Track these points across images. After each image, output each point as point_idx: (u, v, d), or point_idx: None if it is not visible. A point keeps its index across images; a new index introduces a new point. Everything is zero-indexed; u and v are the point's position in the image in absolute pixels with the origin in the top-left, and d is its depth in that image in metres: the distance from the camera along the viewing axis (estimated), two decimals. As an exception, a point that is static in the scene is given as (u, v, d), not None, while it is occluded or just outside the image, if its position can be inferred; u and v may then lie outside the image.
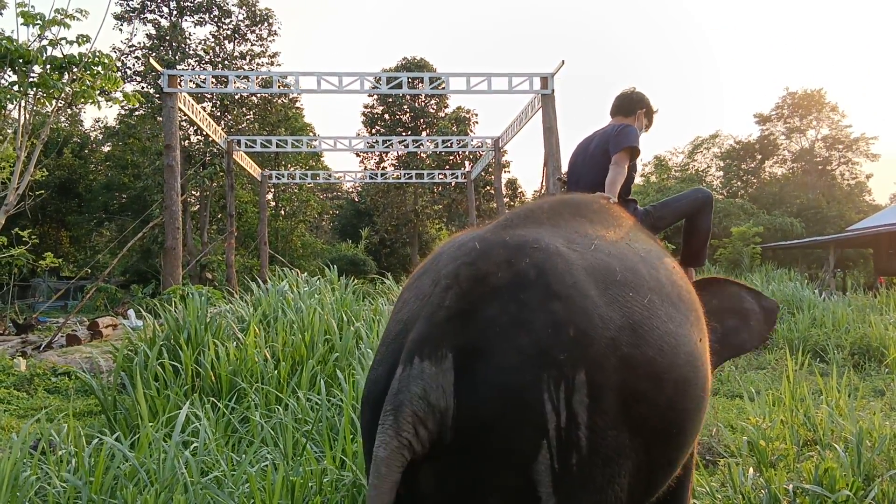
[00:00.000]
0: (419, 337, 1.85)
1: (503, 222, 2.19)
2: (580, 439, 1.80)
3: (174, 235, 14.37)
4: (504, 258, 1.96)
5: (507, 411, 1.77)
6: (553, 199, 2.46)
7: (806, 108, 45.18)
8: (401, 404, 1.77)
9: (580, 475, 1.83)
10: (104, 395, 6.01)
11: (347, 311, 8.01)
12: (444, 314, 1.86)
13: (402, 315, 2.03)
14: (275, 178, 28.52)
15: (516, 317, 1.85)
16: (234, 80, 18.35)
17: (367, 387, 2.06)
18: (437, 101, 39.78)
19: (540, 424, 1.77)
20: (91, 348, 12.26)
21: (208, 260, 27.26)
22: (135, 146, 31.27)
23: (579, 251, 2.10)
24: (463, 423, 1.78)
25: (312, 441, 4.68)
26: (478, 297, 1.88)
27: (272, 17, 32.32)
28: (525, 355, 1.80)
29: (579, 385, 1.81)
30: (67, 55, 7.01)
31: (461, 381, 1.79)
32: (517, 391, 1.78)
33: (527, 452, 1.78)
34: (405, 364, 1.82)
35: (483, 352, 1.81)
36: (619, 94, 3.95)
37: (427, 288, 1.98)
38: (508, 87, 15.49)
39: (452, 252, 2.05)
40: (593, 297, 1.96)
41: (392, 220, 39.12)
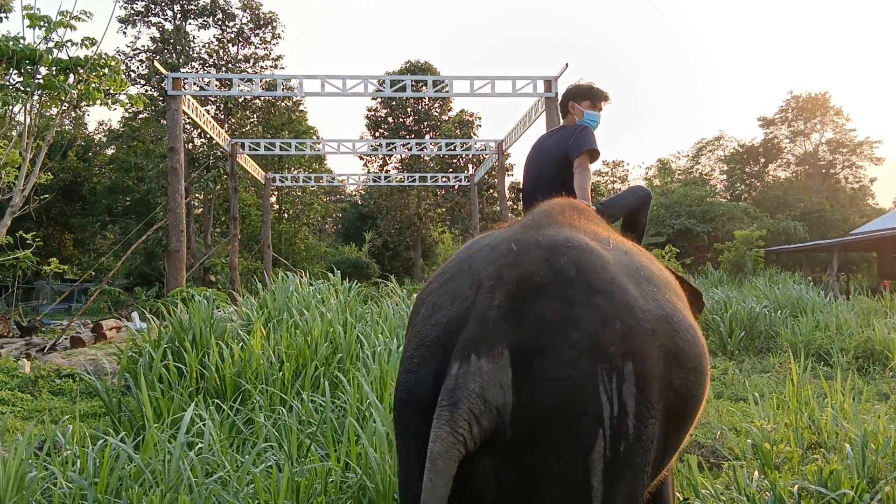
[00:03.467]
0: (473, 336, 1.90)
1: (528, 224, 2.24)
2: (628, 428, 1.90)
3: (178, 238, 14.39)
4: (542, 257, 2.03)
5: (566, 404, 1.85)
6: (560, 202, 2.49)
7: (810, 111, 45.15)
8: (458, 400, 1.82)
9: (624, 462, 1.93)
10: (109, 397, 6.02)
11: (351, 314, 8.03)
12: (495, 314, 1.91)
13: (438, 318, 2.06)
14: (278, 181, 28.58)
15: (565, 313, 1.92)
16: (238, 83, 18.40)
17: (405, 389, 2.10)
18: (441, 105, 39.79)
19: (597, 415, 1.86)
20: (95, 350, 12.27)
21: (212, 263, 27.31)
22: (138, 149, 31.34)
23: (606, 249, 2.18)
24: (523, 416, 1.85)
25: (317, 442, 4.69)
26: (525, 296, 1.94)
27: (276, 21, 32.40)
28: (579, 350, 1.88)
29: (628, 376, 1.91)
30: (73, 57, 7.04)
31: (519, 376, 1.86)
32: (576, 384, 1.86)
33: (585, 442, 1.87)
34: (461, 362, 1.86)
35: (538, 348, 1.88)
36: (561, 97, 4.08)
37: (466, 290, 2.03)
38: (512, 90, 15.51)
39: (486, 255, 2.10)
40: (630, 291, 2.05)
41: (395, 223, 39.13)
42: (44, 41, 6.82)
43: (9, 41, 6.51)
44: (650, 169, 49.69)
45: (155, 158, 30.20)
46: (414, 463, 2.09)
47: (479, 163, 33.59)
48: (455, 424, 1.80)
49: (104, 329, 14.19)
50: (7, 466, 3.44)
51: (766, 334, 10.98)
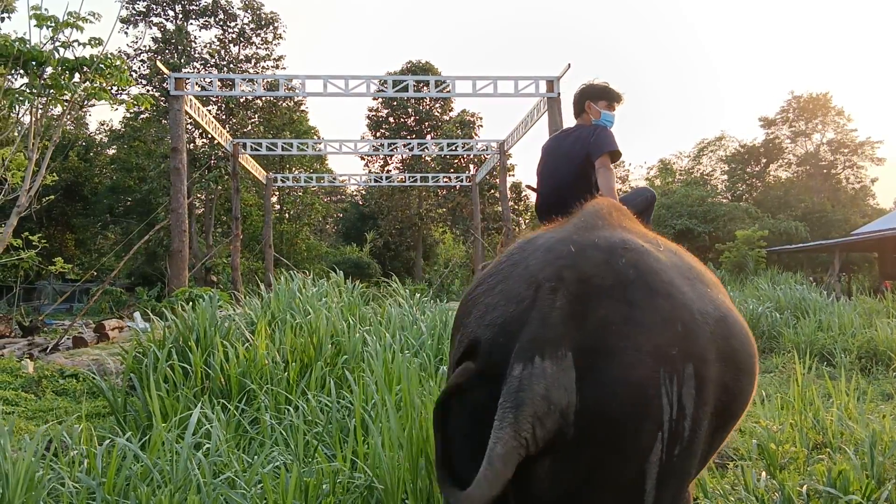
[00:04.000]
0: (535, 337, 1.90)
1: (581, 225, 2.23)
2: (684, 430, 1.92)
3: (180, 238, 14.39)
4: (601, 259, 2.03)
5: (630, 406, 1.86)
6: (605, 203, 2.46)
7: (811, 111, 45.14)
8: (522, 402, 1.82)
9: (677, 465, 1.95)
10: (114, 397, 6.03)
11: (355, 314, 8.03)
12: (557, 315, 1.91)
13: (492, 318, 2.05)
14: (280, 181, 28.59)
15: (627, 315, 1.92)
16: (241, 83, 18.42)
17: (462, 388, 2.08)
18: (442, 105, 39.80)
19: (658, 418, 1.87)
20: (98, 350, 12.27)
21: (213, 263, 27.29)
22: (140, 149, 31.36)
23: (658, 250, 2.18)
24: (586, 418, 1.85)
25: (323, 443, 4.69)
26: (587, 298, 1.94)
27: (277, 21, 32.41)
28: (642, 352, 1.88)
29: (688, 378, 1.92)
30: (79, 57, 7.05)
31: (582, 378, 1.86)
32: (639, 387, 1.86)
33: (645, 445, 1.88)
34: (524, 363, 1.86)
35: (601, 350, 1.88)
36: (574, 96, 4.03)
37: (522, 291, 2.02)
38: (514, 90, 15.51)
39: (542, 256, 2.09)
40: (687, 292, 2.05)
41: (396, 223, 39.12)
42: (50, 41, 6.84)
43: (16, 42, 6.52)
44: (651, 169, 49.69)
45: (156, 158, 30.21)
46: (462, 461, 2.11)
47: (480, 163, 33.59)
48: (519, 427, 1.81)
49: (107, 329, 14.18)
50: (17, 467, 3.44)
51: (769, 335, 10.99)
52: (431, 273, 34.46)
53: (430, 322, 8.10)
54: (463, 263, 33.42)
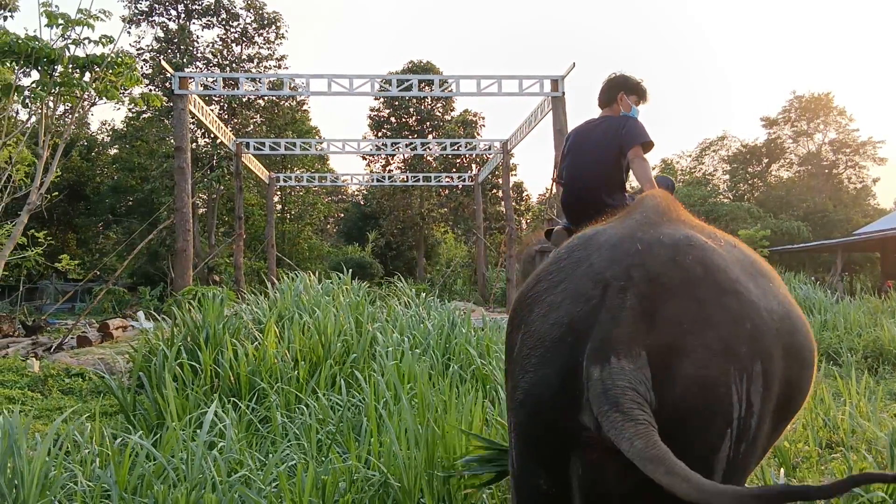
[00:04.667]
0: (609, 337, 1.89)
1: (643, 221, 2.21)
2: (751, 428, 1.94)
3: (185, 237, 14.38)
4: (668, 257, 2.02)
5: (702, 404, 1.87)
6: (661, 196, 2.44)
7: (813, 111, 45.09)
8: (616, 398, 1.81)
9: (741, 462, 1.97)
10: (123, 396, 6.02)
11: (362, 313, 8.03)
12: (628, 315, 1.91)
13: (557, 317, 2.04)
14: (282, 180, 28.57)
15: (697, 314, 1.92)
16: (245, 82, 18.41)
17: (521, 389, 2.09)
18: (444, 105, 39.77)
19: (728, 415, 1.88)
20: (103, 350, 12.27)
21: (215, 262, 27.28)
22: (142, 149, 31.32)
23: (719, 245, 2.17)
24: (661, 416, 1.84)
25: (335, 441, 4.68)
26: (657, 297, 1.94)
27: (280, 21, 32.38)
28: (713, 350, 1.88)
29: (756, 376, 1.92)
30: (90, 55, 7.04)
31: (657, 377, 1.86)
32: (710, 385, 1.87)
33: (715, 443, 1.90)
34: (601, 364, 1.86)
35: (673, 349, 1.88)
36: (603, 85, 3.93)
37: (589, 289, 2.01)
38: (519, 89, 15.50)
39: (608, 254, 2.08)
40: (752, 289, 2.05)
41: (398, 223, 39.09)
42: (61, 39, 6.82)
43: (28, 41, 6.50)
44: (654, 168, 49.43)
45: (158, 158, 30.18)
46: (529, 462, 2.13)
47: (482, 162, 33.57)
48: (633, 417, 1.79)
49: (111, 328, 14.16)
50: (32, 465, 3.43)
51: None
52: (434, 273, 34.42)
53: (437, 322, 8.09)
54: (465, 263, 33.38)
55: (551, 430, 2.01)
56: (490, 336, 7.85)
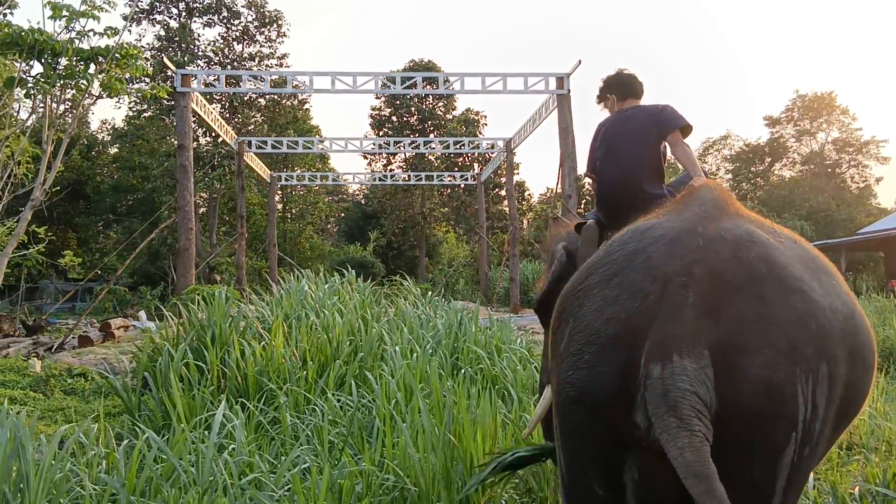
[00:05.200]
0: (671, 335, 1.83)
1: (701, 213, 2.13)
2: (815, 431, 1.89)
3: (188, 236, 14.28)
4: (731, 253, 1.95)
5: (767, 406, 1.81)
6: (716, 188, 2.35)
7: (816, 110, 45.03)
8: (676, 402, 1.76)
9: (804, 466, 1.93)
10: (128, 396, 5.92)
11: (368, 312, 7.92)
12: (691, 312, 1.85)
13: (613, 313, 1.97)
14: (284, 179, 28.46)
15: (762, 312, 1.87)
16: (248, 80, 18.32)
17: (574, 386, 2.03)
18: (445, 104, 39.67)
19: (793, 418, 1.83)
20: (105, 349, 12.16)
21: (216, 262, 27.17)
22: (143, 148, 31.20)
23: (780, 241, 2.10)
24: (723, 417, 1.80)
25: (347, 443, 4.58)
26: (720, 294, 1.88)
27: (281, 19, 32.28)
28: (779, 351, 1.83)
29: (822, 378, 1.87)
30: (94, 47, 6.93)
31: (721, 377, 1.80)
32: (776, 386, 1.81)
33: (780, 446, 1.84)
34: (662, 362, 1.80)
35: (738, 348, 1.83)
36: (623, 77, 3.78)
37: (647, 285, 1.94)
38: (524, 87, 15.39)
39: (666, 248, 2.00)
40: (817, 288, 1.98)
41: (399, 222, 39.01)
42: (65, 31, 6.71)
43: (33, 32, 6.38)
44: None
45: (159, 157, 30.07)
46: (581, 463, 2.07)
47: (484, 161, 33.47)
48: (690, 426, 1.74)
49: (112, 328, 14.06)
50: (40, 469, 3.32)
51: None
52: (435, 272, 34.30)
53: (446, 321, 7.99)
54: (467, 263, 33.25)
55: (608, 430, 1.95)
56: (499, 336, 7.75)
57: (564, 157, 14.68)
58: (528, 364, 6.86)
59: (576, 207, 14.89)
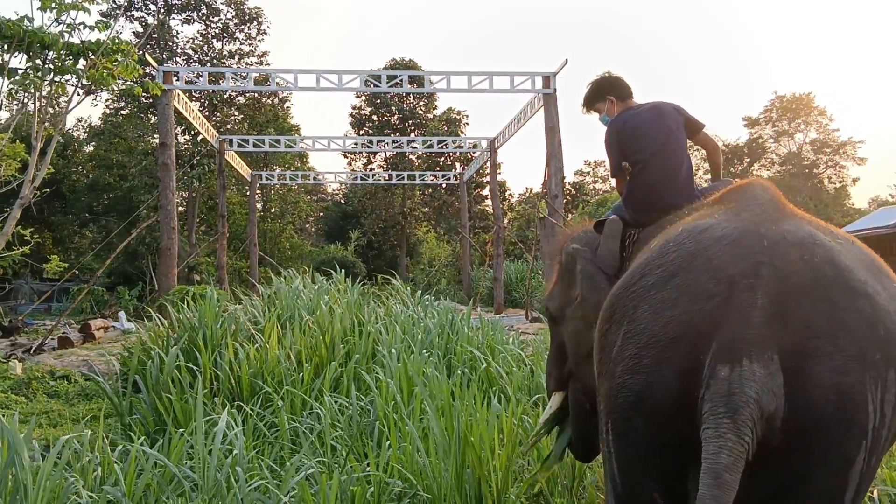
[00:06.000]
0: (740, 338, 1.77)
1: (762, 213, 2.07)
2: (881, 439, 1.85)
3: (170, 235, 14.07)
4: (796, 255, 1.89)
5: (838, 413, 1.76)
6: (766, 186, 2.30)
7: (794, 111, 45.40)
8: (738, 407, 1.71)
9: (870, 474, 1.88)
10: (118, 400, 5.78)
11: (360, 313, 7.82)
12: (760, 315, 1.79)
13: (673, 315, 1.91)
14: (265, 178, 28.23)
15: (832, 317, 1.81)
16: (231, 77, 18.11)
17: (632, 391, 1.97)
18: (427, 103, 39.56)
19: (864, 426, 1.79)
20: (87, 351, 11.95)
21: (196, 261, 26.87)
22: (120, 146, 30.78)
23: (839, 242, 2.04)
24: (792, 425, 1.75)
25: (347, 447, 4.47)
26: (788, 298, 1.82)
27: (261, 17, 31.99)
28: (848, 356, 1.78)
29: (890, 384, 1.82)
30: (85, 41, 6.76)
31: (790, 383, 1.75)
32: (847, 393, 1.76)
33: (851, 454, 1.79)
34: (732, 365, 1.74)
35: (807, 353, 1.78)
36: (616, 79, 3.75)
37: (710, 287, 1.88)
38: (510, 86, 15.33)
39: (729, 249, 1.94)
40: (881, 291, 1.92)
41: (380, 222, 38.86)
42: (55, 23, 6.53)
43: (22, 22, 6.19)
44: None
45: (137, 156, 29.69)
46: (639, 471, 2.00)
47: (465, 161, 33.37)
48: (740, 433, 1.68)
49: (92, 329, 13.85)
50: (38, 476, 3.18)
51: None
52: (416, 272, 34.18)
53: (437, 321, 7.91)
54: (449, 262, 33.17)
55: (669, 436, 1.89)
56: (492, 336, 7.67)
57: (551, 157, 14.64)
58: (522, 365, 6.78)
59: (562, 207, 14.86)
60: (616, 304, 2.14)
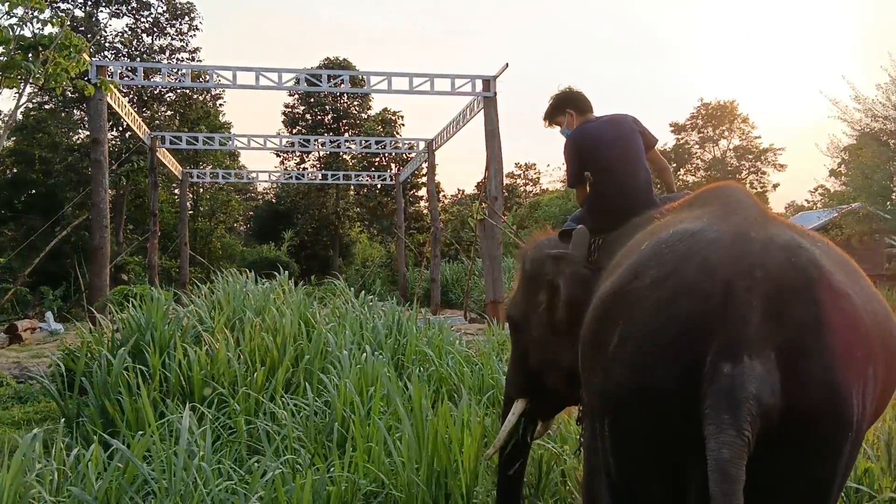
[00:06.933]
0: (740, 336, 1.86)
1: (749, 217, 2.17)
2: (861, 431, 1.97)
3: (102, 234, 13.70)
4: (784, 257, 1.99)
5: (830, 408, 1.87)
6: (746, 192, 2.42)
7: (719, 118, 46.68)
8: (739, 402, 1.79)
9: (851, 465, 2.02)
10: (65, 403, 5.64)
11: (308, 313, 7.78)
12: (757, 315, 1.88)
13: (672, 312, 1.98)
14: (196, 176, 27.69)
15: (820, 317, 1.91)
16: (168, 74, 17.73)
17: (631, 388, 2.04)
18: (360, 103, 39.38)
19: (850, 419, 1.89)
20: (16, 352, 11.58)
21: (124, 261, 26.15)
22: (44, 141, 29.74)
23: (819, 247, 2.14)
24: (788, 420, 1.84)
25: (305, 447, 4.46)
26: (780, 298, 1.92)
27: (194, 12, 31.35)
28: (836, 354, 1.88)
29: (869, 379, 1.95)
30: (38, 35, 6.55)
31: (786, 380, 1.84)
32: (836, 388, 1.87)
33: (840, 447, 1.91)
34: (733, 361, 1.83)
35: (801, 351, 1.88)
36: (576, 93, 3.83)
37: (707, 286, 1.96)
38: (451, 88, 15.43)
39: (724, 250, 2.02)
40: (858, 292, 2.05)
41: (313, 222, 38.53)
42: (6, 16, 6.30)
43: None
44: (566, 171, 50.31)
45: (62, 152, 28.75)
46: (639, 467, 2.07)
47: (401, 162, 33.39)
48: (741, 428, 1.77)
49: (19, 330, 13.42)
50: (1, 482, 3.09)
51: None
52: (350, 272, 33.99)
53: (385, 321, 7.94)
54: (384, 263, 33.08)
55: (670, 431, 1.97)
56: (439, 336, 7.73)
57: (491, 160, 14.79)
58: (472, 365, 6.86)
59: (501, 209, 15.03)
60: (609, 303, 2.20)
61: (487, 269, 14.74)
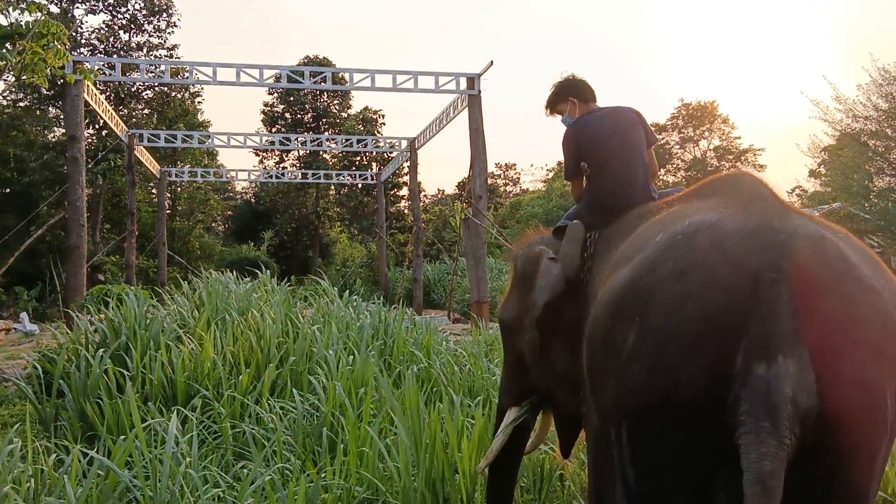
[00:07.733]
0: (772, 333, 1.72)
1: (770, 209, 2.01)
2: (892, 432, 1.84)
3: (79, 233, 13.42)
4: (810, 249, 1.85)
5: (864, 407, 1.76)
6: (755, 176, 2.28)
7: (699, 119, 46.87)
8: (776, 407, 1.65)
9: (884, 466, 1.91)
10: (43, 406, 5.44)
11: (293, 313, 7.62)
12: (788, 311, 1.73)
13: (695, 310, 1.83)
14: (174, 175, 27.36)
15: (851, 312, 1.79)
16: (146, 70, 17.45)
17: (653, 391, 1.88)
18: (341, 101, 39.12)
19: (884, 419, 1.79)
20: (-10, 354, 11.29)
21: (101, 261, 25.77)
22: (18, 139, 29.26)
23: (841, 239, 2.01)
24: (824, 422, 1.70)
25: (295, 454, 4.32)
26: (808, 292, 1.78)
27: (172, 9, 30.94)
28: (867, 351, 1.76)
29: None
30: (13, 24, 6.34)
31: (820, 379, 1.70)
32: (870, 387, 1.76)
33: (876, 447, 1.81)
34: (766, 361, 1.69)
35: (832, 349, 1.74)
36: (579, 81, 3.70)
37: (731, 281, 1.81)
38: (435, 86, 15.30)
39: (747, 242, 1.87)
40: (885, 286, 1.92)
41: (292, 221, 38.26)
42: (-21, 7, 6.07)
43: None
44: (551, 171, 50.33)
45: (37, 150, 28.29)
46: (661, 477, 1.92)
47: (382, 161, 33.18)
48: (781, 436, 1.63)
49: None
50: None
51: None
52: (331, 272, 33.78)
53: (372, 321, 7.80)
54: (365, 263, 32.85)
55: (695, 437, 1.83)
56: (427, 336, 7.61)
57: (475, 158, 14.67)
58: (462, 366, 6.74)
59: (485, 208, 14.92)
60: (622, 300, 2.05)
61: (472, 268, 14.60)
